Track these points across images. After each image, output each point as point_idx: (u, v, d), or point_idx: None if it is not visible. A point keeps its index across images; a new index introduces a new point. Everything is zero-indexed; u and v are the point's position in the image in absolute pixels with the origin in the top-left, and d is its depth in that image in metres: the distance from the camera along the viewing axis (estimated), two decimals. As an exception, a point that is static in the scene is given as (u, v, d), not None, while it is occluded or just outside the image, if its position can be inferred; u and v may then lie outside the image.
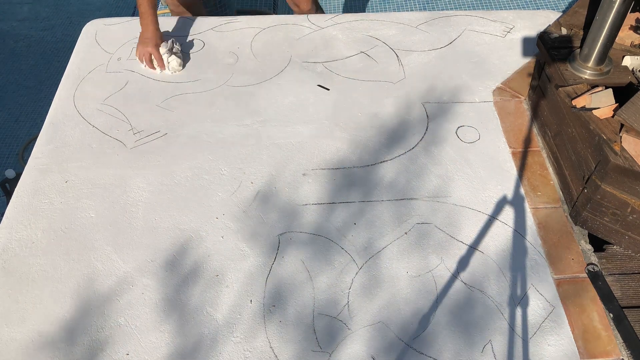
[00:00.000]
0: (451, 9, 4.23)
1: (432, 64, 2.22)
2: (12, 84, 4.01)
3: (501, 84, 2.13)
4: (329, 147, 1.89)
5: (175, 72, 2.14)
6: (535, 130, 1.96)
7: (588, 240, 1.65)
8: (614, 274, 1.58)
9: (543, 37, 1.89)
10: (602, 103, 1.57)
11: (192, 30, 2.38)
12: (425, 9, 4.26)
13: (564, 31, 1.91)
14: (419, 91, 2.10)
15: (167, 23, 2.44)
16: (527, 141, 1.93)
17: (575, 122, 1.64)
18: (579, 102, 1.62)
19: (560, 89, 1.70)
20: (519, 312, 1.48)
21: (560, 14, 2.14)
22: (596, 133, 1.53)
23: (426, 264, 1.58)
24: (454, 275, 1.55)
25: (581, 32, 1.88)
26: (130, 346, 1.41)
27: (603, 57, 1.70)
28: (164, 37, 2.21)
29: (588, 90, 1.64)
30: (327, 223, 1.67)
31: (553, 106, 1.80)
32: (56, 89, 2.12)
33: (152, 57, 2.14)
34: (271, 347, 1.41)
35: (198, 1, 2.71)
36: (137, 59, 2.18)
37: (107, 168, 1.82)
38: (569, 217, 1.71)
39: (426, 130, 1.95)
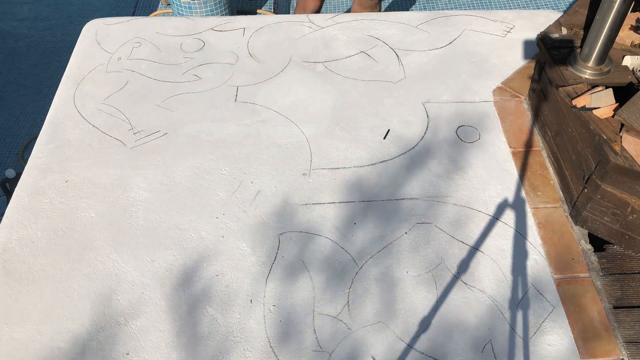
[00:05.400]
0: (451, 9, 4.23)
1: (432, 64, 2.22)
2: (12, 84, 4.01)
3: (501, 84, 2.13)
4: (329, 147, 1.89)
5: None
6: (535, 130, 1.96)
7: (588, 240, 1.65)
8: (614, 274, 1.58)
9: (543, 37, 1.89)
10: (602, 103, 1.57)
11: (192, 30, 2.38)
12: (425, 9, 4.26)
13: (564, 31, 1.91)
14: (419, 91, 2.10)
15: (168, 23, 2.44)
16: (527, 141, 1.93)
17: (576, 122, 1.64)
18: (579, 102, 1.62)
19: (560, 88, 1.70)
20: (519, 312, 1.48)
21: (561, 14, 2.14)
22: (596, 133, 1.53)
23: (426, 264, 1.58)
24: (454, 275, 1.55)
25: (581, 32, 1.88)
26: (130, 346, 1.41)
27: (603, 57, 1.70)
28: None
29: (588, 90, 1.64)
30: (327, 223, 1.67)
31: (553, 106, 1.80)
32: (56, 89, 2.12)
33: None
34: (271, 347, 1.41)
35: None
36: None
37: (107, 168, 1.82)
38: (569, 217, 1.71)
39: (426, 130, 1.95)
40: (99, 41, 2.33)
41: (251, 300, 1.50)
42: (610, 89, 1.59)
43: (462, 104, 2.05)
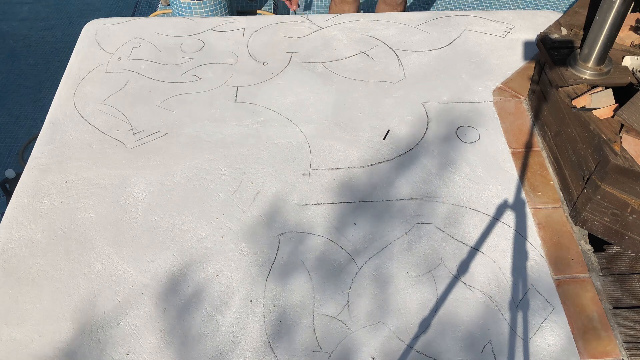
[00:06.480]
0: (451, 9, 4.23)
1: (432, 64, 2.22)
2: (12, 84, 4.01)
3: (501, 84, 2.13)
4: (329, 147, 1.89)
5: None
6: (535, 130, 1.96)
7: (588, 240, 1.65)
8: (614, 274, 1.58)
9: (543, 38, 1.89)
10: (602, 103, 1.57)
11: (192, 30, 2.38)
12: (425, 9, 4.26)
13: (564, 31, 1.91)
14: (419, 91, 2.10)
15: (168, 23, 2.44)
16: (527, 141, 1.93)
17: (575, 122, 1.64)
18: (579, 102, 1.62)
19: (560, 89, 1.70)
20: (518, 312, 1.48)
21: (560, 14, 2.14)
22: (596, 133, 1.53)
23: (426, 264, 1.58)
24: (454, 276, 1.55)
25: (581, 33, 1.88)
26: (130, 346, 1.41)
27: (603, 57, 1.70)
28: None
29: (588, 91, 1.64)
30: (327, 223, 1.67)
31: (553, 106, 1.80)
32: (56, 89, 2.12)
33: None
34: (271, 347, 1.41)
35: None
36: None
37: (107, 168, 1.82)
38: (569, 217, 1.71)
39: (426, 130, 1.95)
40: (99, 41, 2.33)
41: (251, 301, 1.50)
42: (610, 90, 1.59)
43: (462, 104, 2.05)
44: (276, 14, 4.04)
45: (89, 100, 2.06)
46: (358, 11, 3.17)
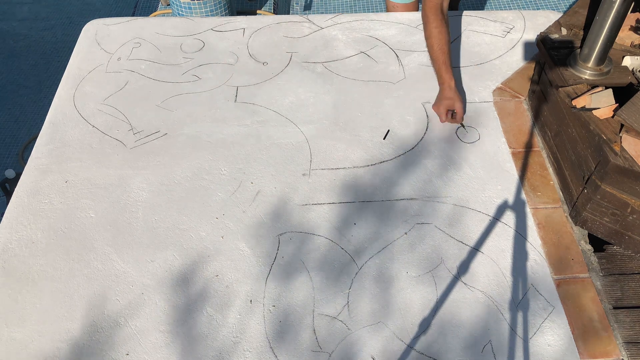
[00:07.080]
0: (451, 9, 4.23)
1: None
2: (12, 84, 4.01)
3: (501, 84, 2.13)
4: (329, 147, 1.89)
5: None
6: (535, 131, 1.96)
7: (588, 240, 1.65)
8: (614, 274, 1.58)
9: (543, 38, 1.89)
10: (602, 103, 1.57)
11: (192, 30, 2.38)
12: (425, 9, 4.25)
13: (564, 31, 1.91)
14: (419, 91, 2.10)
15: (168, 23, 2.44)
16: (527, 141, 1.93)
17: (575, 122, 1.64)
18: (579, 102, 1.62)
19: (560, 89, 1.70)
20: (518, 312, 1.48)
21: (561, 14, 2.14)
22: (596, 133, 1.53)
23: (426, 264, 1.58)
24: (454, 276, 1.55)
25: (581, 33, 1.88)
26: (130, 346, 1.41)
27: (603, 57, 1.70)
28: None
29: (588, 91, 1.64)
30: (327, 223, 1.67)
31: (553, 106, 1.80)
32: (56, 89, 2.12)
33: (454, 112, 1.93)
34: (271, 347, 1.41)
35: None
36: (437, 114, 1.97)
37: (107, 168, 1.82)
38: (569, 217, 1.71)
39: (426, 130, 1.95)
40: (99, 41, 2.33)
41: (251, 301, 1.50)
42: (610, 90, 1.59)
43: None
44: (276, 14, 4.04)
45: (89, 100, 2.06)
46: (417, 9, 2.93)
